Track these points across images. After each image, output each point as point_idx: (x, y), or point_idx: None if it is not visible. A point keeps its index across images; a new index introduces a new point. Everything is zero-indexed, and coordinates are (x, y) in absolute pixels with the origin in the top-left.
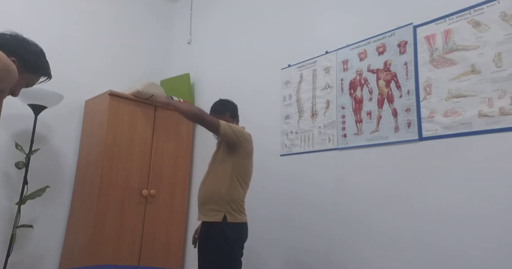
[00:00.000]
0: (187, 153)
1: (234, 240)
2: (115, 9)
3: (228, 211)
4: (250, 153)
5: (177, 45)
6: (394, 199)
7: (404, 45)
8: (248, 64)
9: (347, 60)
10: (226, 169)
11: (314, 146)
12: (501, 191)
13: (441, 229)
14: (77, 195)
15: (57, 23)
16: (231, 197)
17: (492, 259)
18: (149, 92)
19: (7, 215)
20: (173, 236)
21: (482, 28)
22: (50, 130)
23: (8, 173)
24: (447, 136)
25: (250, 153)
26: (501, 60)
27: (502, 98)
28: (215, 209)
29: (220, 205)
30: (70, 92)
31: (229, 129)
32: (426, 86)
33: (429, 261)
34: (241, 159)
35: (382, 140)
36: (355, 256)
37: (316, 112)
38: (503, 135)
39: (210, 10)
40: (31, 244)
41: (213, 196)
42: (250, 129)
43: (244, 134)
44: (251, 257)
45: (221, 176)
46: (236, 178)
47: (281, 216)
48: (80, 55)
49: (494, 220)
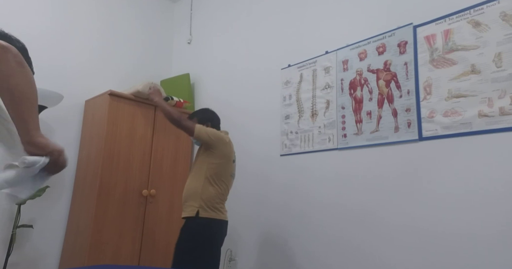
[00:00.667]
0: (187, 153)
1: (203, 234)
2: (115, 9)
3: (201, 207)
4: (227, 155)
5: (177, 45)
6: (394, 199)
7: (404, 45)
8: (248, 64)
9: (347, 60)
10: (202, 169)
11: (314, 146)
12: (501, 191)
13: (441, 229)
14: (77, 195)
15: (57, 23)
16: (205, 195)
17: (492, 257)
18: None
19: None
20: (173, 236)
21: (482, 28)
22: (50, 131)
23: None
24: (447, 136)
25: (226, 155)
26: (501, 60)
27: (502, 98)
28: (191, 205)
29: (195, 201)
30: (70, 92)
31: (203, 133)
32: (426, 86)
33: (429, 260)
34: (216, 159)
35: (382, 140)
36: (355, 255)
37: (316, 112)
38: (503, 135)
39: (210, 10)
40: (31, 244)
41: (190, 194)
42: (250, 129)
43: (220, 137)
44: (250, 257)
45: (197, 176)
46: (210, 177)
47: (281, 216)
48: (80, 55)
49: (494, 220)
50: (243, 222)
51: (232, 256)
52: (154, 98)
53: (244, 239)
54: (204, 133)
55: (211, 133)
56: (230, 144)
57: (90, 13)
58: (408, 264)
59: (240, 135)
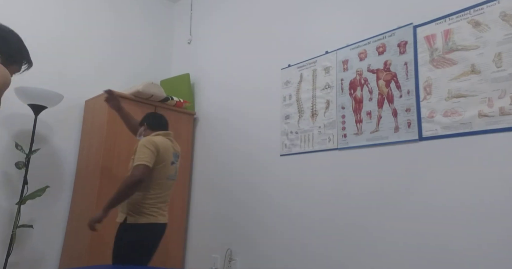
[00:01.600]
0: (187, 153)
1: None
2: (115, 9)
3: (128, 213)
4: (163, 160)
5: (177, 45)
6: (394, 199)
7: (404, 45)
8: (248, 64)
9: (347, 60)
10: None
11: (314, 146)
12: (501, 191)
13: (441, 228)
14: (77, 195)
15: (57, 23)
16: (132, 200)
17: (492, 258)
18: (149, 92)
19: (7, 215)
20: (173, 236)
21: (482, 28)
22: (50, 130)
23: (8, 173)
24: (447, 136)
25: (162, 160)
26: (501, 60)
27: (502, 98)
28: (120, 210)
29: (123, 207)
30: (70, 92)
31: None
32: (426, 86)
33: (428, 259)
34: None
35: (382, 140)
36: (356, 254)
37: (316, 112)
38: (503, 135)
39: (210, 10)
40: (31, 244)
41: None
42: (250, 129)
43: (156, 146)
44: (250, 257)
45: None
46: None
47: (281, 216)
48: (80, 55)
49: (494, 220)
50: (243, 222)
51: (232, 256)
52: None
53: (244, 239)
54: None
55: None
56: (167, 148)
57: (90, 13)
58: (406, 261)
59: (240, 134)
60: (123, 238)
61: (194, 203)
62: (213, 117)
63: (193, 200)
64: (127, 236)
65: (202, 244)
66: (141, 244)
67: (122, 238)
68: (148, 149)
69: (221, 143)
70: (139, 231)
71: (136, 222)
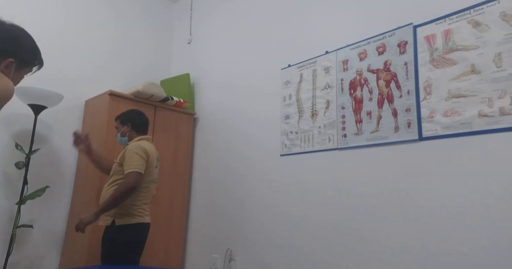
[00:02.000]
0: (187, 153)
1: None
2: (115, 9)
3: (115, 216)
4: (150, 164)
5: (177, 45)
6: (394, 199)
7: (404, 45)
8: (248, 64)
9: (347, 60)
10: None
11: (314, 146)
12: (501, 191)
13: (441, 228)
14: (77, 195)
15: (57, 23)
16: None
17: (492, 258)
18: (149, 92)
19: (7, 215)
20: (173, 236)
21: (482, 28)
22: (50, 130)
23: (8, 173)
24: (447, 136)
25: (149, 165)
26: (501, 60)
27: (502, 98)
28: (106, 214)
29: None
30: (70, 92)
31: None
32: (426, 86)
33: (428, 259)
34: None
35: (382, 140)
36: (355, 253)
37: (316, 112)
38: (503, 135)
39: (210, 10)
40: (31, 244)
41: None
42: (250, 129)
43: (148, 152)
44: (250, 257)
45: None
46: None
47: (281, 216)
48: (80, 55)
49: (494, 220)
50: (243, 222)
51: (232, 256)
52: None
53: (244, 239)
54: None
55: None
56: (153, 153)
57: (90, 13)
58: (405, 261)
59: (240, 134)
60: (117, 239)
61: (194, 203)
62: (213, 117)
63: (193, 200)
64: (121, 237)
65: (202, 244)
66: (136, 243)
67: (115, 239)
68: (139, 156)
69: (221, 143)
70: (132, 231)
71: (126, 223)
